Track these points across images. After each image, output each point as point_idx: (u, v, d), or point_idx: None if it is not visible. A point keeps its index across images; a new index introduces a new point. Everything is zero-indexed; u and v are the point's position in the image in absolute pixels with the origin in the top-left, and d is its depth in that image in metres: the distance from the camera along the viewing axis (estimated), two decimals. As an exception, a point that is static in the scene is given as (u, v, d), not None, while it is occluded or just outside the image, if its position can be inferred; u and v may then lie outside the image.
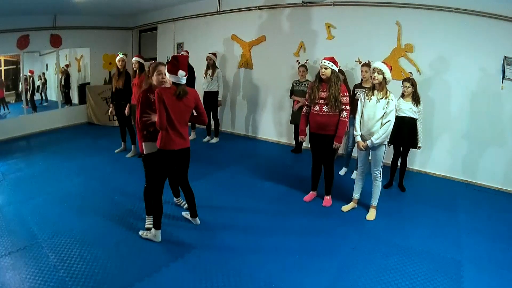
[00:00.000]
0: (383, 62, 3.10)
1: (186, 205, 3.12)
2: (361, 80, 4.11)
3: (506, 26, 3.84)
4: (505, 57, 3.90)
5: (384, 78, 3.02)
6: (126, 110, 4.80)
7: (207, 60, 5.48)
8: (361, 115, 3.16)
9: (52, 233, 2.86)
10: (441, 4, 4.14)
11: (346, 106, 3.22)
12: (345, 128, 3.29)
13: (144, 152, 2.80)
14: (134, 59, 4.67)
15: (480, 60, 4.05)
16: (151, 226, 2.81)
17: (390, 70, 3.08)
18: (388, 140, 3.16)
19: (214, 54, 5.58)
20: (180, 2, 6.45)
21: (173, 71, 2.51)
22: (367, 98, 3.12)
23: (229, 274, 2.40)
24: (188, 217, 3.04)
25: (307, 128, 3.48)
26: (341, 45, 4.88)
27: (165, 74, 2.84)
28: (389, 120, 3.01)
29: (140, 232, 2.83)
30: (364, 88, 4.00)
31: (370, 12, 4.65)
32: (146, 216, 3.02)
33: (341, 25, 4.92)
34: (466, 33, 4.08)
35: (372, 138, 3.05)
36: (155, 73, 2.82)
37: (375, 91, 3.08)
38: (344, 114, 3.23)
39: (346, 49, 4.78)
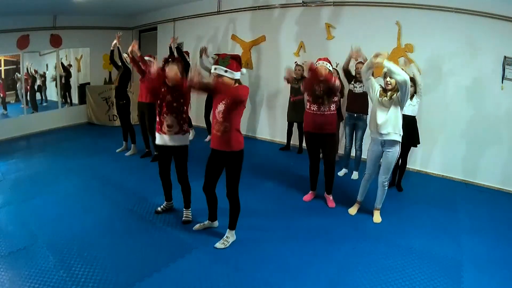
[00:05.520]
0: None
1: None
2: (356, 77, 4.14)
3: (506, 26, 3.83)
4: (505, 57, 3.90)
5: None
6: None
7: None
8: (373, 112, 3.04)
9: (52, 233, 2.85)
10: (441, 4, 4.14)
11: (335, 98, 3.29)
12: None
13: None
14: (145, 58, 4.62)
15: (480, 60, 4.04)
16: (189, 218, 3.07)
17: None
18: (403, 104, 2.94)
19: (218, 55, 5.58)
20: (180, 2, 6.45)
21: (240, 68, 2.48)
22: (380, 98, 3.00)
23: (229, 274, 2.40)
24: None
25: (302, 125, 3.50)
26: (341, 45, 4.87)
27: (177, 73, 2.80)
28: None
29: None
30: (358, 81, 4.05)
31: (370, 12, 4.65)
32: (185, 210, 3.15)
33: (341, 25, 4.92)
34: (466, 33, 4.08)
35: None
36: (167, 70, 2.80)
37: (388, 92, 2.98)
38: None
39: (346, 49, 4.76)
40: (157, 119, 2.92)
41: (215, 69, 2.43)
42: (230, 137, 2.49)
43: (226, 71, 2.40)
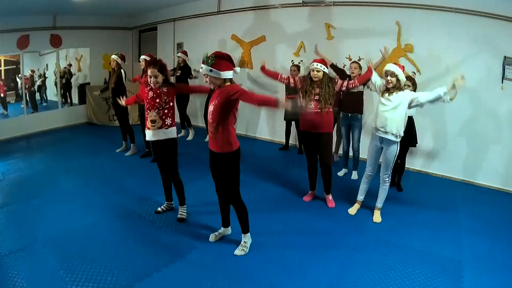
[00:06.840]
0: (394, 63, 3.02)
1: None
2: (350, 76, 4.13)
3: (506, 26, 3.83)
4: (505, 57, 3.89)
5: (398, 80, 2.92)
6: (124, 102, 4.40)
7: None
8: (378, 107, 3.05)
9: (52, 233, 2.86)
10: (441, 4, 4.14)
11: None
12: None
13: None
14: (141, 57, 4.59)
15: (480, 60, 4.04)
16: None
17: (403, 70, 2.98)
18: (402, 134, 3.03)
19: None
20: (180, 2, 6.46)
21: (232, 67, 2.38)
22: (382, 96, 3.01)
23: (230, 274, 2.40)
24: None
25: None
26: (341, 45, 4.88)
27: (155, 77, 2.80)
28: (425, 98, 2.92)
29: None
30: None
31: (370, 12, 4.65)
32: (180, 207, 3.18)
33: (341, 25, 4.92)
34: (466, 33, 4.08)
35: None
36: (148, 76, 2.80)
37: (390, 90, 2.98)
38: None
39: (346, 49, 4.78)
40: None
41: (201, 68, 2.35)
42: (221, 138, 2.45)
43: (211, 71, 2.30)
